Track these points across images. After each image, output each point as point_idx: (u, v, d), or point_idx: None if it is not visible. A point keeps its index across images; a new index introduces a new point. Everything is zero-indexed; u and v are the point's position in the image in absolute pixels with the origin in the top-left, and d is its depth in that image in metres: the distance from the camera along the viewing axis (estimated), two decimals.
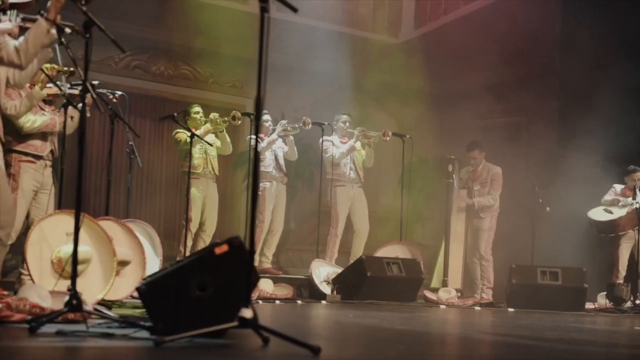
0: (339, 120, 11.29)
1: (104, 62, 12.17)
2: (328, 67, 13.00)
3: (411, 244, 11.61)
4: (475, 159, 11.49)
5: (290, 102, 13.28)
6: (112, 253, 6.75)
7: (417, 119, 14.39)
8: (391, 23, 14.99)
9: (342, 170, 11.19)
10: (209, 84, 13.50)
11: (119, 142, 9.99)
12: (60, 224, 6.57)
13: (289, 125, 10.86)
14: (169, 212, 12.65)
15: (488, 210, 11.38)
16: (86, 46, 4.35)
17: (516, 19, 12.21)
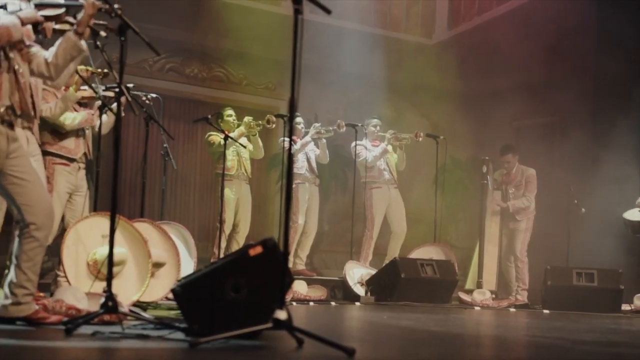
0: (370, 125, 11.27)
1: (138, 65, 12.24)
2: (361, 68, 12.99)
3: (445, 245, 11.57)
4: (509, 163, 11.43)
5: (324, 103, 13.28)
6: (147, 255, 6.79)
7: (450, 119, 14.34)
8: (424, 24, 14.95)
9: (377, 172, 11.17)
10: (243, 86, 13.53)
11: (154, 144, 10.05)
12: (95, 226, 6.62)
13: (322, 128, 10.86)
14: (203, 214, 12.69)
15: (523, 212, 11.31)
16: (121, 49, 4.38)
17: (550, 18, 12.13)
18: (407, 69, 13.97)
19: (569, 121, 12.87)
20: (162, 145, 9.19)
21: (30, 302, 4.89)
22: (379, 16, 14.30)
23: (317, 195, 11.13)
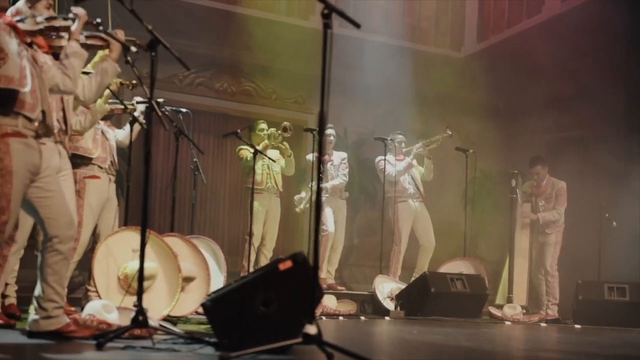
0: (394, 140, 11.24)
1: (168, 79, 12.30)
2: (390, 81, 12.97)
3: (475, 259, 11.51)
4: (538, 174, 11.36)
5: (353, 117, 13.28)
6: (177, 269, 6.80)
7: (480, 133, 14.29)
8: (454, 37, 14.93)
9: (402, 186, 11.14)
10: (272, 100, 13.56)
11: (184, 158, 10.10)
12: (126, 241, 6.64)
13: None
14: (233, 228, 12.71)
15: (553, 225, 11.23)
16: (151, 64, 4.40)
17: (581, 30, 12.05)
18: (436, 81, 13.94)
19: (600, 134, 12.79)
20: (192, 160, 9.22)
21: (60, 315, 4.91)
22: (408, 29, 14.30)
23: (344, 209, 11.11)
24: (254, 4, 12.77)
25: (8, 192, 4.52)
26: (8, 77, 4.58)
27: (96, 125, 7.36)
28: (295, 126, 10.65)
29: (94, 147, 7.44)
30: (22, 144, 4.62)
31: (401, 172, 11.03)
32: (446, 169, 11.93)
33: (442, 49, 14.64)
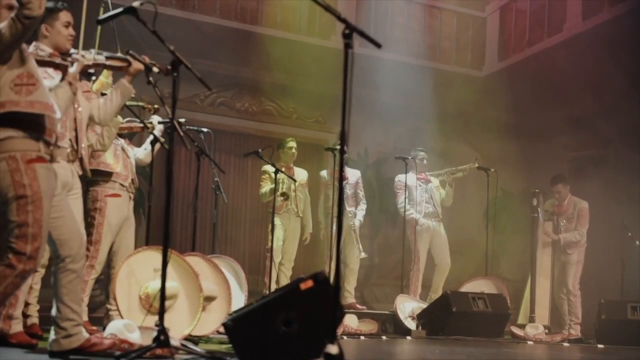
0: (416, 158, 11.19)
1: (190, 99, 12.37)
2: (411, 100, 12.99)
3: (497, 278, 11.45)
4: (560, 193, 11.31)
5: (374, 136, 13.29)
6: (199, 289, 6.80)
7: (501, 152, 14.26)
8: (474, 56, 14.93)
9: (418, 208, 11.11)
10: (293, 120, 13.60)
11: (205, 178, 10.11)
12: (148, 260, 6.65)
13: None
14: (254, 247, 12.72)
15: (575, 246, 11.17)
16: (173, 84, 4.42)
17: (602, 49, 12.02)
18: (457, 100, 13.93)
19: (622, 152, 12.73)
20: (213, 179, 9.24)
21: (80, 332, 4.94)
22: (429, 48, 14.31)
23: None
24: (275, 24, 12.82)
25: (40, 217, 4.55)
26: (42, 102, 4.63)
27: (115, 141, 7.39)
28: (316, 145, 10.67)
29: (115, 162, 7.46)
30: (44, 168, 4.65)
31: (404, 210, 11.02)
32: (467, 188, 11.90)
33: (463, 68, 14.64)
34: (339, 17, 3.79)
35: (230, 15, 12.61)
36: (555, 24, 13.41)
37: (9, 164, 4.52)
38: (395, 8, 14.14)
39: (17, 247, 4.49)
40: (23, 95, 4.55)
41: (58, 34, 5.30)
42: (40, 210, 4.55)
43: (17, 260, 4.49)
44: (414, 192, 11.09)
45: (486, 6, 15.22)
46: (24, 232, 4.51)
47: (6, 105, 4.51)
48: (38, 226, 4.54)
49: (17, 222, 4.51)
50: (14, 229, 4.51)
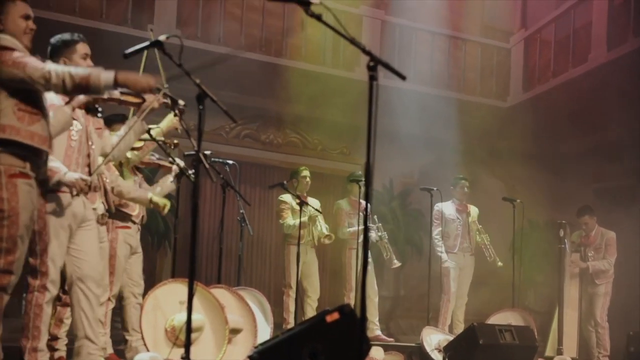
0: (457, 185, 11.12)
1: (215, 131, 12.43)
2: (435, 131, 12.99)
3: (524, 310, 11.36)
4: (587, 224, 11.23)
5: (398, 167, 13.29)
6: (224, 321, 6.80)
7: (527, 182, 14.21)
8: (499, 86, 14.92)
9: (453, 242, 11.05)
10: (318, 151, 13.63)
11: (230, 210, 10.13)
12: (173, 293, 6.67)
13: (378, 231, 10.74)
14: (279, 279, 12.67)
15: (603, 275, 11.07)
16: (199, 117, 4.44)
17: (627, 79, 11.97)
18: (482, 131, 13.92)
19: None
20: (239, 211, 9.25)
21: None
22: (453, 79, 14.34)
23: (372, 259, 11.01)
24: (300, 56, 12.87)
25: (14, 233, 4.59)
26: (42, 136, 4.66)
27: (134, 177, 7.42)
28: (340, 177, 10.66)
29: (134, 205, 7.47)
30: (27, 184, 4.68)
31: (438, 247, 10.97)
32: (493, 219, 11.82)
33: (488, 99, 14.63)
34: (364, 50, 3.80)
35: (255, 47, 12.68)
36: (580, 55, 13.39)
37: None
38: (419, 39, 14.19)
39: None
40: (25, 123, 4.58)
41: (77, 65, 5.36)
42: (16, 226, 4.57)
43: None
44: (451, 225, 11.03)
45: (510, 37, 15.24)
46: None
47: (6, 131, 4.54)
48: (12, 242, 4.57)
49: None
50: None
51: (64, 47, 5.42)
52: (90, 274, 5.47)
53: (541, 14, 14.79)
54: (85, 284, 5.46)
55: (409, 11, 14.13)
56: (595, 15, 13.00)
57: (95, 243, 5.66)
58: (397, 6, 14.14)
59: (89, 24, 10.88)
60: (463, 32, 14.94)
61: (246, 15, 12.64)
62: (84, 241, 5.47)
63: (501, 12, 15.43)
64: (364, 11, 13.72)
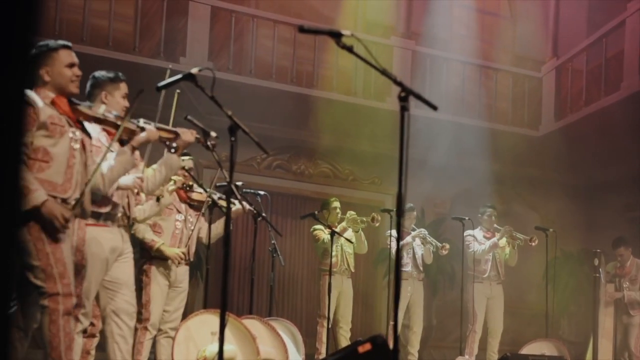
0: (484, 214, 11.12)
1: (246, 162, 12.49)
2: (468, 161, 12.96)
3: (558, 340, 11.26)
4: (622, 256, 11.14)
5: (431, 197, 13.26)
6: (256, 352, 6.79)
7: (560, 211, 14.13)
8: (531, 116, 14.88)
9: (483, 267, 10.98)
10: (349, 181, 13.64)
11: (262, 240, 10.14)
12: (206, 323, 6.67)
13: (428, 237, 10.70)
14: (311, 310, 12.67)
15: (638, 306, 10.97)
16: (231, 149, 4.46)
17: None
18: (515, 160, 13.88)
19: None
20: (270, 242, 9.25)
21: None
22: (485, 109, 14.32)
23: (421, 291, 10.93)
24: (331, 87, 12.93)
25: (61, 256, 4.62)
26: (52, 183, 4.70)
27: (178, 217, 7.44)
28: (372, 207, 10.65)
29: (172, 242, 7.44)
30: None
31: (486, 251, 10.87)
32: (527, 249, 11.74)
33: (520, 128, 14.59)
34: (395, 80, 3.80)
35: (287, 79, 12.76)
36: (612, 83, 13.34)
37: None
38: (450, 69, 14.21)
39: (49, 289, 4.55)
40: (34, 171, 4.62)
41: (117, 104, 5.43)
42: (60, 250, 4.60)
43: (54, 302, 4.55)
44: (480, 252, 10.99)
45: (542, 66, 15.22)
46: (50, 273, 4.57)
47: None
48: (62, 265, 4.59)
49: (40, 266, 4.57)
50: (39, 274, 4.57)
51: (109, 82, 5.56)
52: (124, 307, 5.51)
53: (573, 43, 14.76)
54: (119, 316, 5.50)
55: (440, 41, 14.17)
56: (627, 43, 12.95)
57: (131, 275, 5.70)
58: (428, 36, 14.18)
59: (122, 57, 11.01)
60: (494, 62, 14.94)
61: (277, 46, 12.73)
62: (119, 274, 5.51)
63: (532, 41, 15.41)
64: (394, 42, 13.77)
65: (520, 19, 15.73)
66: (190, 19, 12.14)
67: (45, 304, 4.57)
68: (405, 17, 14.33)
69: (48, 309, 4.56)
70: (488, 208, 11.20)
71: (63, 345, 4.60)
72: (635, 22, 12.79)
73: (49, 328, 4.58)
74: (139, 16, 11.97)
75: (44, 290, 4.56)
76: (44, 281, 4.56)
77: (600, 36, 13.73)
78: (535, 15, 15.45)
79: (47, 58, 4.86)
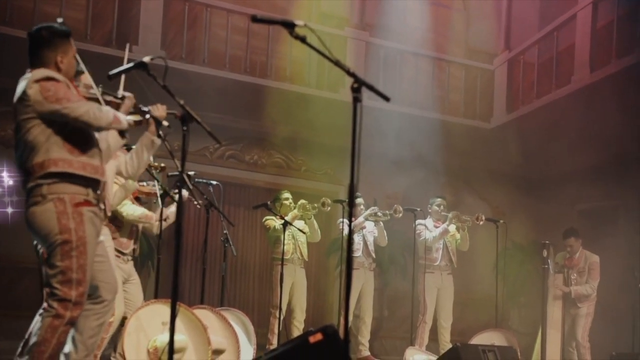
0: (434, 204, 11.16)
1: (199, 152, 12.42)
2: (420, 153, 13.01)
3: (507, 331, 11.36)
4: (572, 247, 11.25)
5: (383, 188, 13.30)
6: (207, 342, 6.77)
7: (511, 203, 14.26)
8: (483, 108, 14.99)
9: (434, 255, 11.02)
10: (302, 172, 13.63)
11: (214, 231, 10.10)
12: (156, 313, 6.64)
13: (379, 212, 10.75)
14: (263, 300, 12.67)
15: (585, 299, 11.09)
16: (183, 138, 4.44)
17: (610, 101, 12.04)
18: (466, 152, 13.97)
19: (632, 204, 12.71)
20: (222, 232, 9.22)
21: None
22: (437, 101, 14.38)
23: (371, 281, 10.97)
24: (284, 78, 12.92)
25: (84, 263, 4.57)
26: (94, 165, 4.68)
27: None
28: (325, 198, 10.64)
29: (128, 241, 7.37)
30: (92, 212, 4.68)
31: (437, 238, 10.90)
32: (477, 240, 11.84)
33: (471, 120, 14.69)
34: (348, 71, 3.81)
35: (240, 69, 12.72)
36: (563, 76, 13.48)
37: (56, 205, 4.54)
38: (403, 61, 14.26)
39: (62, 293, 4.50)
40: (76, 154, 4.59)
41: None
42: (85, 255, 4.56)
43: (64, 308, 4.50)
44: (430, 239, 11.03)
45: (494, 59, 15.33)
46: (69, 278, 4.51)
47: (59, 164, 4.54)
48: (82, 272, 4.55)
49: (61, 268, 4.51)
50: (57, 275, 4.51)
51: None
52: None
53: (525, 36, 14.89)
54: None
55: (393, 33, 14.20)
56: (579, 37, 13.09)
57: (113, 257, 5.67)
58: (382, 28, 14.21)
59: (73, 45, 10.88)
60: (447, 54, 15.02)
61: (231, 36, 12.68)
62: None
63: (485, 34, 15.52)
64: (348, 33, 13.78)
65: (473, 12, 15.82)
66: (143, 7, 12.05)
67: (54, 306, 4.52)
68: (359, 9, 14.36)
69: (54, 312, 4.52)
70: (437, 198, 11.26)
71: (48, 353, 4.55)
72: (586, 16, 12.93)
73: (45, 331, 4.52)
74: (90, 3, 11.85)
75: (57, 293, 4.52)
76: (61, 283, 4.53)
77: (551, 30, 13.87)
78: (488, 9, 15.56)
79: (65, 45, 4.84)
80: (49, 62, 4.73)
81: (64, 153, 4.57)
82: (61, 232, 4.51)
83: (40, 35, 4.77)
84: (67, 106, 4.52)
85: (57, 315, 4.48)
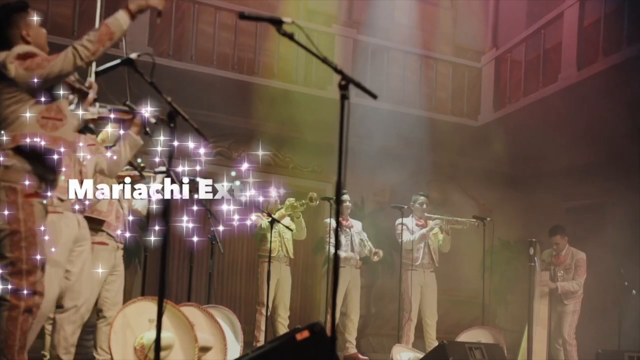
0: (416, 202, 11.15)
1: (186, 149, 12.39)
2: (408, 150, 13.03)
3: (494, 328, 11.39)
4: (558, 244, 11.27)
5: (371, 186, 13.30)
6: (194, 339, 6.76)
7: (498, 201, 14.28)
8: (470, 106, 15.01)
9: (415, 255, 11.02)
10: (289, 169, 13.63)
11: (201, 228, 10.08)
12: (143, 311, 6.63)
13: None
14: (250, 297, 12.65)
15: (572, 296, 11.12)
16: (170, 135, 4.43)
17: (597, 99, 12.08)
18: (453, 150, 13.99)
19: (618, 202, 12.74)
20: (210, 229, 9.21)
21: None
22: (425, 98, 14.40)
23: (358, 279, 10.97)
24: (272, 75, 12.91)
25: (33, 254, 4.54)
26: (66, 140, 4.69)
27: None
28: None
29: (108, 211, 7.34)
30: (42, 204, 4.64)
31: (416, 241, 10.92)
32: (464, 237, 11.86)
33: (459, 118, 14.71)
34: (336, 69, 3.81)
35: (227, 66, 12.70)
36: (550, 74, 13.51)
37: (7, 195, 4.50)
38: (391, 59, 14.26)
39: (13, 284, 4.47)
40: (48, 129, 4.56)
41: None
42: (34, 246, 4.53)
43: (17, 299, 4.47)
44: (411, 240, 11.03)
45: (481, 57, 15.35)
46: (19, 269, 4.49)
47: (29, 137, 4.51)
48: (32, 263, 4.52)
49: (11, 259, 4.49)
50: (7, 266, 4.49)
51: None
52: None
53: (512, 34, 14.92)
54: None
55: (381, 30, 14.21)
56: (566, 35, 13.12)
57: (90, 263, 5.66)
58: (369, 25, 14.21)
59: (60, 41, 10.80)
60: (434, 51, 15.03)
61: (218, 33, 12.66)
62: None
63: (472, 32, 15.54)
64: (336, 30, 13.78)
65: (461, 10, 15.84)
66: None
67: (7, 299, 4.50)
68: (347, 6, 14.37)
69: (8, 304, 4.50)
70: (420, 196, 11.24)
71: (17, 345, 4.52)
72: (573, 14, 12.96)
73: (6, 325, 4.50)
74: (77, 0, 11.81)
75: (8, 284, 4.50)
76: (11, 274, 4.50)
77: (539, 28, 13.90)
78: (476, 6, 15.58)
79: (25, 17, 4.76)
80: (15, 40, 4.68)
81: (36, 128, 4.54)
82: (9, 223, 4.48)
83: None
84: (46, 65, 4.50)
85: (12, 307, 4.46)
